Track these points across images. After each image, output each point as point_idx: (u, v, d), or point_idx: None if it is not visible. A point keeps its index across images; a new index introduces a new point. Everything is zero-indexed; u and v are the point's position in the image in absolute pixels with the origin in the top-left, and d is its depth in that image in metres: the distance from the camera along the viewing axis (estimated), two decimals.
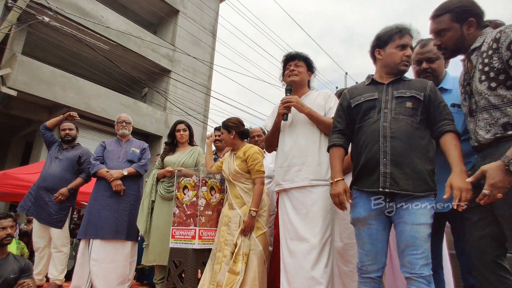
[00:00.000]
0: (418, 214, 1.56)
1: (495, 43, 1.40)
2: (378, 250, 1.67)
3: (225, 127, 2.78)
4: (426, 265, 1.52)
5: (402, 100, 1.71)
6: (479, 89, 1.46)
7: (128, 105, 10.31)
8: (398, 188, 1.59)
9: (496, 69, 1.39)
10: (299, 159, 2.14)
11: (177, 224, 2.80)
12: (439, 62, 1.96)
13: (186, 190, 2.86)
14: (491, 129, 1.43)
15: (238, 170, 2.60)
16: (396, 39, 1.78)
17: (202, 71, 12.48)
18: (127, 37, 10.18)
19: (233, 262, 2.38)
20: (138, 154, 3.56)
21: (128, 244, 3.30)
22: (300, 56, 2.34)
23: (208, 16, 12.82)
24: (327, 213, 2.04)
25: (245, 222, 2.45)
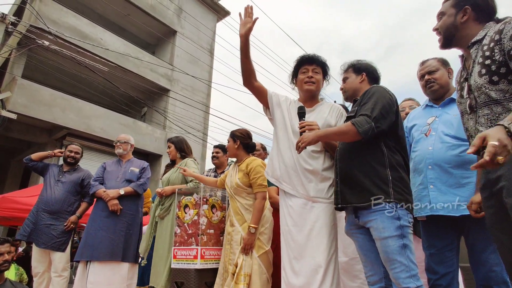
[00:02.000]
0: (380, 229, 1.59)
1: (498, 35, 1.32)
2: (373, 260, 1.70)
3: (232, 135, 2.75)
4: (411, 276, 1.51)
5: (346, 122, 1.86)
6: (479, 83, 1.38)
7: (128, 125, 10.34)
8: (345, 202, 1.74)
9: (498, 62, 1.30)
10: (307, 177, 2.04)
11: (178, 244, 2.75)
12: (440, 72, 2.05)
13: (187, 209, 2.82)
14: (492, 125, 1.32)
15: (240, 184, 2.53)
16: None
17: (200, 89, 12.59)
18: (126, 58, 10.31)
19: (235, 283, 2.30)
20: (137, 173, 3.53)
21: (125, 266, 3.23)
22: (319, 61, 2.16)
23: (205, 35, 13.03)
24: (331, 229, 1.98)
25: (244, 239, 2.37)
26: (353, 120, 1.69)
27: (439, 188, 1.84)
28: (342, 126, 1.76)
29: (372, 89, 1.83)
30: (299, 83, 2.19)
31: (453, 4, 1.52)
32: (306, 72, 2.14)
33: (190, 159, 3.40)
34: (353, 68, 2.03)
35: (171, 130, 11.16)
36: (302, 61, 2.17)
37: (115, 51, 9.92)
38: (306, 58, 2.16)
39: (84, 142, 9.25)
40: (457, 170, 1.84)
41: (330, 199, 2.01)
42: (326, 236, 1.94)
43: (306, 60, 2.16)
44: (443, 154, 1.87)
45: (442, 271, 1.81)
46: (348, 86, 2.04)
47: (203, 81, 12.30)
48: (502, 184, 1.27)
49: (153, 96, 11.53)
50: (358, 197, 1.69)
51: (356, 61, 2.07)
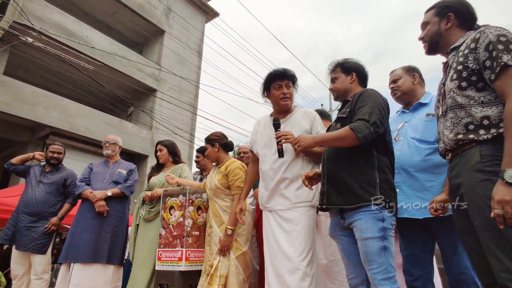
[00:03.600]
0: (363, 230, 1.60)
1: (474, 43, 1.37)
2: (355, 263, 1.71)
3: (208, 141, 2.76)
4: (386, 279, 1.52)
5: (335, 124, 1.91)
6: (449, 87, 1.43)
7: (114, 125, 10.20)
8: (331, 203, 1.74)
9: (470, 69, 1.36)
10: (284, 183, 2.11)
11: (163, 246, 2.74)
12: (402, 80, 2.19)
13: (173, 210, 2.81)
14: (454, 129, 1.41)
15: (218, 185, 2.56)
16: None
17: (188, 90, 12.52)
18: (112, 57, 10.17)
19: (208, 284, 2.31)
20: (125, 175, 3.50)
21: (110, 268, 3.19)
22: (291, 75, 2.24)
23: (193, 36, 12.98)
24: (311, 232, 2.03)
25: (221, 240, 2.40)
26: (352, 125, 1.67)
27: (405, 192, 1.91)
28: (340, 131, 1.71)
29: (366, 93, 1.83)
30: (274, 99, 2.25)
31: (436, 13, 1.58)
32: (280, 88, 2.20)
33: (185, 165, 3.39)
34: (341, 67, 2.02)
35: (158, 131, 11.06)
36: (274, 77, 2.21)
37: (101, 49, 9.77)
38: (278, 74, 2.21)
39: (68, 141, 9.07)
40: (421, 174, 1.91)
41: (311, 202, 2.06)
42: (306, 238, 1.99)
43: (278, 76, 2.20)
44: (409, 158, 1.94)
45: (417, 273, 1.85)
46: (338, 87, 2.02)
47: (191, 82, 12.25)
48: (462, 191, 1.35)
49: (139, 95, 11.40)
50: (344, 199, 1.69)
51: (344, 60, 2.05)
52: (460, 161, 1.38)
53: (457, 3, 1.56)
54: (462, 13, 1.53)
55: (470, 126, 1.35)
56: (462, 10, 1.53)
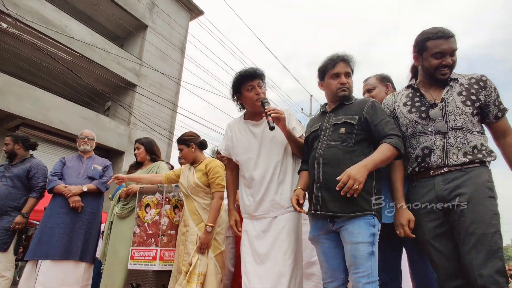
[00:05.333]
0: (355, 234, 1.61)
1: (482, 83, 1.70)
2: (335, 267, 1.72)
3: (183, 142, 2.71)
4: (370, 283, 1.55)
5: (337, 127, 1.82)
6: (463, 110, 1.67)
7: (90, 118, 9.91)
8: (327, 210, 1.69)
9: (480, 102, 1.68)
10: (272, 189, 2.04)
11: (137, 244, 2.68)
12: (377, 90, 2.24)
13: (148, 208, 2.76)
14: (463, 148, 1.63)
15: (199, 183, 2.53)
16: (329, 69, 1.90)
17: (169, 87, 12.34)
18: (92, 49, 9.89)
19: (187, 281, 2.28)
20: (100, 171, 3.42)
21: (81, 266, 3.09)
22: (262, 75, 2.16)
23: (177, 32, 12.82)
24: (297, 235, 2.00)
25: (201, 238, 2.36)
26: (393, 143, 1.68)
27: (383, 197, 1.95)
28: (386, 151, 1.68)
29: (378, 105, 1.85)
30: (249, 101, 2.14)
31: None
32: (252, 88, 2.10)
33: (163, 162, 3.33)
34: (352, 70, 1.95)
35: (136, 127, 10.84)
36: (246, 78, 2.11)
37: (80, 40, 9.48)
38: (248, 74, 2.11)
39: (40, 133, 8.74)
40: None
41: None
42: (293, 242, 1.96)
43: (248, 77, 2.11)
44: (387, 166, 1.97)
45: (386, 277, 1.88)
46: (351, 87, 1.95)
47: (173, 79, 12.09)
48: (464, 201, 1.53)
49: (118, 90, 11.13)
50: (342, 206, 1.66)
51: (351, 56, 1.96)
52: (464, 175, 1.59)
53: None
54: None
55: (475, 150, 1.63)
56: None
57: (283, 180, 2.05)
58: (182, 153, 2.75)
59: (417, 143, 1.75)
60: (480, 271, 1.43)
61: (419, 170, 1.72)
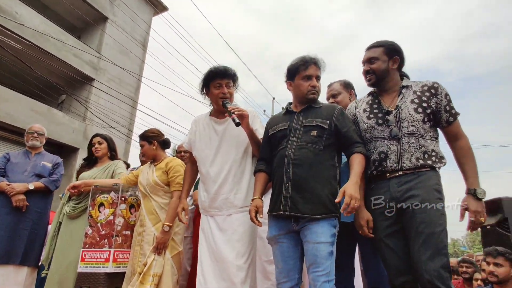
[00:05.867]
0: (318, 233, 1.66)
1: (433, 90, 1.79)
2: (290, 267, 1.75)
3: (145, 138, 2.65)
4: (328, 281, 1.60)
5: (308, 129, 1.85)
6: (414, 117, 1.76)
7: (41, 112, 9.28)
8: (297, 211, 1.72)
9: (431, 109, 1.77)
10: (227, 187, 2.06)
11: (88, 246, 2.55)
12: (341, 96, 2.33)
13: (102, 208, 2.64)
14: (415, 153, 1.73)
15: (158, 182, 2.48)
16: (301, 70, 1.93)
17: (129, 83, 11.89)
18: (46, 38, 9.27)
19: (140, 282, 2.21)
20: (49, 168, 3.21)
21: (23, 270, 2.88)
22: (231, 75, 2.17)
23: (139, 27, 12.40)
24: (252, 234, 2.04)
25: (158, 238, 2.32)
26: (364, 152, 1.79)
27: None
28: (362, 162, 1.76)
29: (345, 113, 1.93)
30: (213, 98, 2.17)
31: (385, 52, 1.88)
32: (219, 86, 2.12)
33: (121, 161, 3.19)
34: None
35: (92, 123, 10.32)
36: (215, 75, 2.13)
37: (32, 28, 8.85)
38: (218, 72, 2.13)
39: None
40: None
41: None
42: (247, 240, 2.00)
43: (218, 74, 2.13)
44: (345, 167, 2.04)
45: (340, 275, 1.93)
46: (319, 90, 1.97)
47: (133, 74, 11.65)
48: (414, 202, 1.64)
49: (74, 83, 10.53)
50: (312, 208, 1.69)
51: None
52: (416, 179, 1.70)
53: (400, 49, 1.90)
54: (402, 59, 1.90)
55: (426, 155, 1.73)
56: (403, 57, 1.90)
57: (240, 179, 2.07)
58: (142, 149, 2.70)
59: (374, 148, 1.84)
60: (427, 266, 1.54)
61: (377, 173, 1.83)
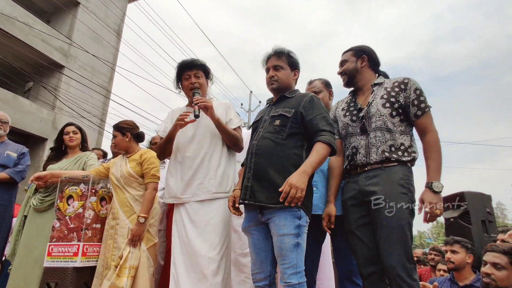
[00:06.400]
0: (281, 226, 1.66)
1: (403, 85, 1.82)
2: (262, 259, 1.77)
3: (119, 129, 2.59)
4: (295, 273, 1.61)
5: (273, 119, 1.89)
6: (381, 112, 1.80)
7: (6, 100, 8.82)
8: (254, 200, 1.73)
9: (399, 103, 1.80)
10: (202, 172, 2.09)
11: (56, 240, 2.46)
12: (322, 94, 2.38)
13: (71, 200, 2.54)
14: (381, 146, 1.78)
15: (132, 173, 2.44)
16: (264, 65, 2.04)
17: (102, 72, 11.50)
18: (11, 22, 8.78)
19: (117, 275, 2.17)
20: (15, 158, 3.07)
21: None
22: (198, 64, 2.24)
23: (113, 14, 11.97)
24: (225, 226, 2.05)
25: (133, 230, 2.28)
26: (325, 140, 1.72)
27: (320, 190, 2.08)
28: (321, 151, 1.70)
29: (316, 100, 1.88)
30: (185, 89, 2.26)
31: (353, 53, 2.00)
32: (188, 78, 2.21)
33: (93, 153, 3.06)
34: (288, 60, 2.00)
35: (62, 112, 9.91)
36: (183, 67, 2.21)
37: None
38: (186, 64, 2.20)
39: None
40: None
41: (228, 193, 2.08)
42: (220, 232, 2.01)
43: (186, 66, 2.20)
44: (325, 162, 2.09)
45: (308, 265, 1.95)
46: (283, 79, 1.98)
47: (106, 63, 11.26)
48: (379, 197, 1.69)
49: (42, 70, 10.05)
50: (269, 196, 1.69)
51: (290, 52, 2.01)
52: (382, 174, 1.74)
53: (368, 49, 2.00)
54: (372, 57, 1.99)
55: (392, 148, 1.77)
56: (372, 55, 1.99)
57: (214, 166, 2.10)
58: (115, 140, 2.62)
59: (348, 143, 1.92)
60: (392, 257, 1.61)
61: (350, 168, 1.89)
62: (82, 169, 2.88)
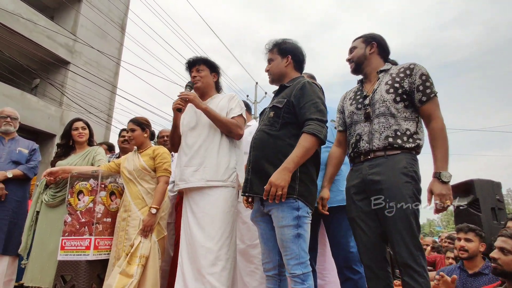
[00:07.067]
0: (279, 218, 1.68)
1: (409, 71, 1.76)
2: (270, 249, 1.80)
3: (139, 124, 2.69)
4: (298, 264, 1.62)
5: (269, 111, 1.92)
6: (384, 98, 1.77)
7: (13, 97, 8.91)
8: (252, 192, 1.78)
9: (404, 89, 1.75)
10: (197, 160, 2.13)
11: (68, 234, 2.52)
12: None
13: (82, 195, 2.59)
14: (384, 131, 1.74)
15: (145, 166, 2.54)
16: None
17: (107, 67, 11.54)
18: (16, 19, 8.81)
19: (127, 263, 2.25)
20: (26, 155, 3.11)
21: (4, 260, 2.82)
22: (200, 60, 2.35)
23: (116, 8, 11.95)
24: (225, 215, 2.05)
25: (145, 220, 2.36)
26: (310, 130, 1.68)
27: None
28: (305, 143, 1.67)
29: (308, 87, 1.82)
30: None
31: (363, 40, 1.97)
32: (193, 74, 2.35)
33: (100, 147, 3.13)
34: (278, 48, 1.99)
35: (69, 108, 10.00)
36: (188, 66, 2.38)
37: (0, 7, 8.38)
38: (189, 63, 2.37)
39: None
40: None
41: (225, 182, 2.09)
42: (219, 222, 2.02)
43: (189, 65, 2.37)
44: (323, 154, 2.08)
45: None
46: (273, 69, 2.00)
47: (111, 58, 11.29)
48: (383, 187, 1.67)
49: (48, 67, 10.11)
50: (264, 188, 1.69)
51: (282, 40, 2.01)
52: (385, 162, 1.70)
53: (379, 37, 1.96)
54: (382, 44, 1.94)
55: (398, 133, 1.72)
56: (382, 42, 1.95)
57: (211, 155, 2.14)
58: (133, 134, 2.68)
59: (353, 131, 1.90)
60: (399, 246, 1.60)
61: (354, 155, 1.88)
62: (90, 164, 2.93)
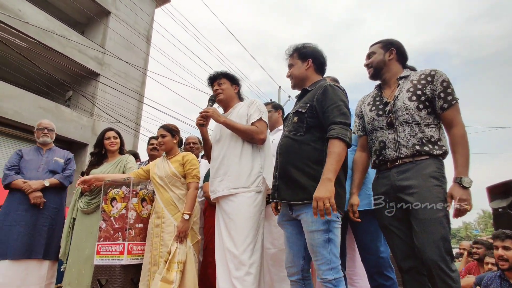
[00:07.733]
0: (309, 223, 1.65)
1: (430, 77, 1.77)
2: (295, 253, 1.79)
3: (169, 130, 2.76)
4: (330, 269, 1.59)
5: (292, 117, 1.90)
6: (407, 105, 1.76)
7: (49, 109, 9.37)
8: (280, 198, 1.78)
9: (426, 96, 1.76)
10: (222, 170, 2.22)
11: (103, 239, 2.60)
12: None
13: (115, 202, 2.68)
14: (410, 140, 1.75)
15: (176, 173, 2.59)
16: None
17: (134, 77, 11.92)
18: (50, 35, 9.30)
19: (167, 270, 2.30)
20: (62, 164, 3.25)
21: (45, 264, 2.95)
22: (220, 74, 2.45)
23: (142, 20, 12.35)
24: (248, 220, 2.06)
25: (179, 226, 2.41)
26: (335, 135, 1.64)
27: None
28: (335, 149, 1.61)
29: (330, 91, 1.78)
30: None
31: (381, 46, 1.96)
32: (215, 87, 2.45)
33: (131, 156, 3.24)
34: (298, 53, 1.98)
35: (100, 118, 10.39)
36: (210, 82, 2.48)
37: (36, 25, 8.88)
38: (210, 80, 2.47)
39: None
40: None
41: (249, 188, 2.11)
42: (243, 228, 2.04)
43: (210, 81, 2.47)
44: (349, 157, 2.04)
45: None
46: (295, 73, 1.99)
47: (138, 68, 11.66)
48: (414, 191, 1.66)
49: (80, 79, 10.59)
50: (292, 194, 1.72)
51: (302, 45, 2.00)
52: (414, 168, 1.71)
53: (397, 42, 1.95)
54: (400, 50, 1.94)
55: (423, 140, 1.73)
56: (400, 48, 1.95)
57: (233, 164, 2.19)
58: (164, 140, 2.74)
59: (375, 138, 1.89)
60: (430, 251, 1.58)
61: (379, 163, 1.86)
62: (122, 171, 3.02)
